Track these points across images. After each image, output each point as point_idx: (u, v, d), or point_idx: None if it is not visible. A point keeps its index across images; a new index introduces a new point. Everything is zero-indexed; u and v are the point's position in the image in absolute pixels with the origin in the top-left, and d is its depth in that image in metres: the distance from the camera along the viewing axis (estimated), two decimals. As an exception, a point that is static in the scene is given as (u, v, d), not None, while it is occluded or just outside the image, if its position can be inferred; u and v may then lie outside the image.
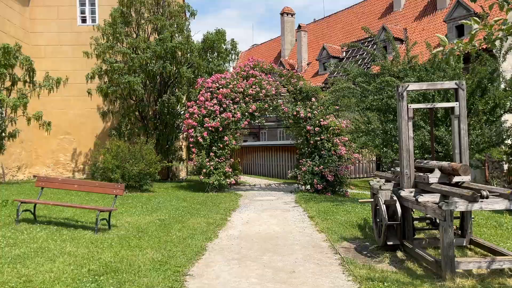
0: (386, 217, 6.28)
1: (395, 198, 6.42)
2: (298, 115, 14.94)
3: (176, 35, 16.99)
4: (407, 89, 6.49)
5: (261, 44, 44.60)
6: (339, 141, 14.66)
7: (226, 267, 5.97)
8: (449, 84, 6.56)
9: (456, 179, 5.93)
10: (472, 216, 6.75)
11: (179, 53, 17.35)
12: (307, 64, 35.01)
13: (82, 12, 19.66)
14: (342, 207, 10.69)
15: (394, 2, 30.58)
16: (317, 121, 14.72)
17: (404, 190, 6.44)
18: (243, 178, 21.70)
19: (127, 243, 6.98)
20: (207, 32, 17.29)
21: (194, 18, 18.38)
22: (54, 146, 19.63)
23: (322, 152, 14.64)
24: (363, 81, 11.14)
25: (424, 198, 5.74)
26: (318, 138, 14.68)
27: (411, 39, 22.43)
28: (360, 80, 11.16)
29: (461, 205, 5.05)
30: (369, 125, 11.51)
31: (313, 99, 15.16)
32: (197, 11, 17.87)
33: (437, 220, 6.96)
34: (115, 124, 18.38)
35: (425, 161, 6.80)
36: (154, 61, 16.41)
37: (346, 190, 14.73)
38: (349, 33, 32.98)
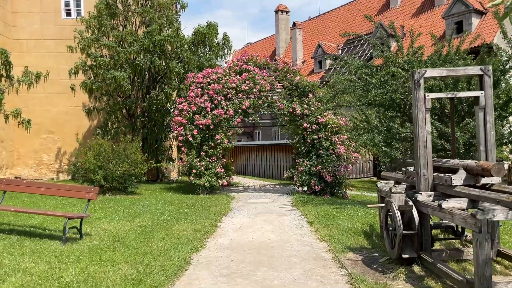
0: (401, 226, 5.30)
1: (410, 203, 5.44)
2: (294, 112, 13.95)
3: (166, 28, 15.93)
4: (425, 75, 5.51)
5: (255, 42, 43.62)
6: (337, 140, 13.69)
7: (213, 287, 4.96)
8: (473, 70, 5.59)
9: (484, 180, 4.97)
10: (500, 223, 5.80)
11: (169, 47, 16.30)
12: (302, 62, 34.07)
13: (67, 4, 18.54)
14: (343, 211, 9.71)
15: (391, -2, 29.72)
16: (314, 118, 13.75)
17: (421, 193, 5.46)
18: (237, 179, 20.68)
19: (98, 256, 5.93)
20: (198, 25, 16.25)
21: (184, 11, 17.34)
22: (36, 145, 18.49)
23: (319, 151, 13.67)
24: (366, 73, 10.16)
25: (449, 203, 4.76)
26: (316, 137, 13.70)
27: (408, 37, 21.48)
28: (363, 71, 10.18)
29: (500, 214, 4.08)
30: (371, 122, 10.54)
31: (310, 95, 14.19)
32: (188, 3, 16.72)
33: (459, 228, 5.99)
34: (102, 122, 17.28)
35: (444, 160, 5.83)
36: (141, 55, 15.34)
37: (345, 191, 13.76)
38: (344, 30, 32.03)
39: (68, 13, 18.59)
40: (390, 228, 5.73)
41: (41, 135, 18.49)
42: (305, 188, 13.69)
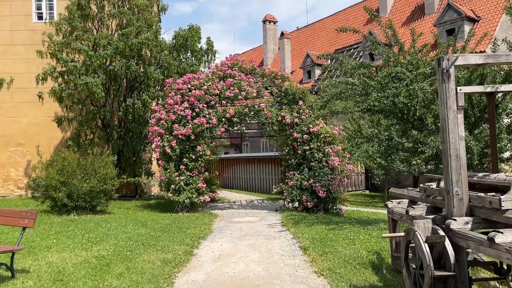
0: (431, 265, 3.84)
1: (442, 233, 4.00)
2: (283, 121, 12.54)
3: (144, 31, 14.45)
4: (456, 63, 4.12)
5: (242, 53, 42.42)
6: (331, 151, 12.27)
7: None
8: (519, 56, 4.22)
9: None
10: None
11: (147, 52, 14.84)
12: (291, 73, 32.85)
13: (39, 7, 17.02)
14: (341, 233, 8.23)
15: (380, 7, 28.82)
16: (305, 128, 12.35)
17: (455, 219, 4.02)
18: (223, 193, 19.12)
19: (22, 307, 4.35)
20: (180, 28, 14.85)
21: (164, 14, 15.92)
22: (4, 159, 16.74)
23: (311, 164, 12.22)
24: (364, 75, 8.80)
25: (505, 236, 3.33)
26: (307, 147, 12.28)
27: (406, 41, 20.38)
28: (361, 72, 8.82)
29: None
30: (369, 131, 9.16)
31: (300, 102, 12.80)
32: (168, 5, 15.34)
33: (504, 266, 4.53)
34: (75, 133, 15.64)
35: (481, 175, 4.41)
36: (116, 60, 13.84)
37: (340, 208, 12.30)
38: (334, 40, 31.02)
39: (40, 17, 17.06)
40: (413, 266, 4.26)
41: (9, 147, 16.78)
42: (296, 204, 12.21)
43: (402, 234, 4.54)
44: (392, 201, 5.60)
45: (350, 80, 8.79)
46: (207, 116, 12.32)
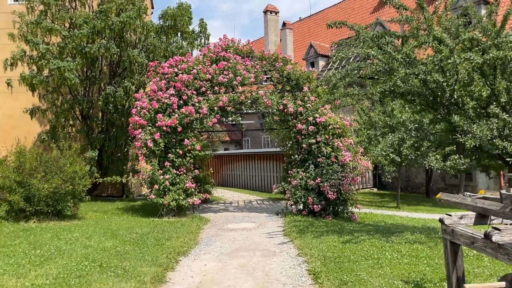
0: None
1: None
2: (285, 110, 10.60)
3: (128, 9, 12.42)
4: None
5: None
6: (341, 144, 10.31)
7: None
8: None
9: None
10: None
11: (132, 35, 12.88)
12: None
13: (14, -13, 15.09)
14: (360, 248, 6.29)
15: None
16: (311, 118, 10.40)
17: None
18: (220, 192, 17.23)
19: None
20: (167, 7, 12.84)
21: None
22: (-25, 156, 14.84)
23: (318, 160, 10.28)
24: (386, 43, 6.84)
25: None
26: (313, 141, 10.34)
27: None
28: (387, 40, 6.86)
29: None
30: (396, 117, 7.21)
31: (305, 88, 10.85)
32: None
33: None
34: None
35: None
36: (94, 41, 11.90)
37: (352, 211, 10.35)
38: (338, 30, 28.88)
39: (16, -2, 15.13)
40: None
41: (-18, 143, 14.86)
42: (300, 206, 10.30)
43: (503, 285, 2.58)
44: (450, 215, 3.65)
45: (371, 52, 6.81)
46: (197, 104, 10.39)
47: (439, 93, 6.98)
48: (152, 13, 15.64)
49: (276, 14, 33.86)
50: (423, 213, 14.08)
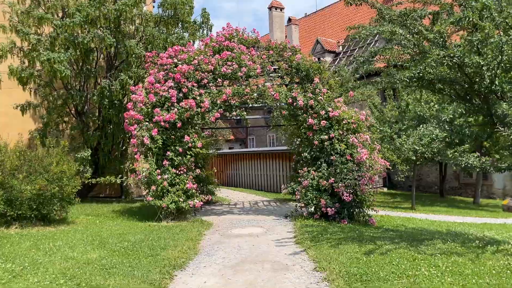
0: None
1: None
2: (295, 104, 9.58)
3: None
4: None
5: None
6: (356, 141, 9.26)
7: None
8: None
9: None
10: None
11: (130, 26, 11.91)
12: (299, 62, 29.77)
13: (6, -23, 14.13)
14: (389, 261, 5.25)
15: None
16: (323, 111, 9.37)
17: None
18: (224, 192, 16.23)
19: None
20: (167, -6, 11.86)
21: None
22: (-34, 155, 13.92)
23: (331, 158, 9.24)
24: (416, 18, 5.79)
25: None
26: (325, 137, 9.31)
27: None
28: (419, 14, 5.82)
29: None
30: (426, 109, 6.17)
31: (316, 79, 9.81)
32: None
33: None
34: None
35: None
36: (88, 31, 10.92)
37: (369, 215, 9.30)
38: (346, 26, 27.82)
39: (9, -12, 14.17)
40: None
41: (-26, 141, 13.95)
42: (312, 209, 9.28)
43: None
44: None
45: (398, 30, 5.76)
46: (198, 97, 9.38)
47: (476, 79, 5.91)
48: (154, 1, 14.61)
49: (281, 10, 32.77)
50: (441, 215, 13.01)
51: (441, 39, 5.62)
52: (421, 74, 6.06)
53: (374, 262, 5.25)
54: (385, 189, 21.62)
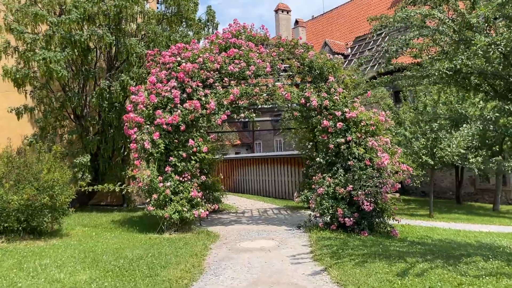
0: None
1: None
2: (308, 104, 8.76)
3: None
4: None
5: (254, 48, 38.65)
6: (376, 144, 8.41)
7: None
8: None
9: None
10: None
11: (132, 24, 11.19)
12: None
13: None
14: (427, 285, 4.39)
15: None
16: (339, 112, 8.54)
17: None
18: (231, 199, 15.39)
19: None
20: (171, -9, 11.16)
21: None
22: (-38, 161, 13.23)
23: (348, 163, 8.40)
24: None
25: None
26: (342, 140, 8.46)
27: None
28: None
29: None
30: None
31: (330, 78, 9.00)
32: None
33: None
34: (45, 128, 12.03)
35: None
36: (85, 28, 10.20)
37: (391, 225, 8.41)
38: (354, 27, 27.07)
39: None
40: None
41: (-30, 147, 13.27)
42: (328, 218, 8.41)
43: None
44: None
45: (436, 13, 4.93)
46: (203, 98, 8.60)
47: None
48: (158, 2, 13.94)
49: (288, 13, 32.09)
50: (462, 223, 12.08)
51: (486, 25, 4.78)
52: (458, 67, 5.22)
53: (412, 286, 4.39)
54: (397, 195, 20.64)
